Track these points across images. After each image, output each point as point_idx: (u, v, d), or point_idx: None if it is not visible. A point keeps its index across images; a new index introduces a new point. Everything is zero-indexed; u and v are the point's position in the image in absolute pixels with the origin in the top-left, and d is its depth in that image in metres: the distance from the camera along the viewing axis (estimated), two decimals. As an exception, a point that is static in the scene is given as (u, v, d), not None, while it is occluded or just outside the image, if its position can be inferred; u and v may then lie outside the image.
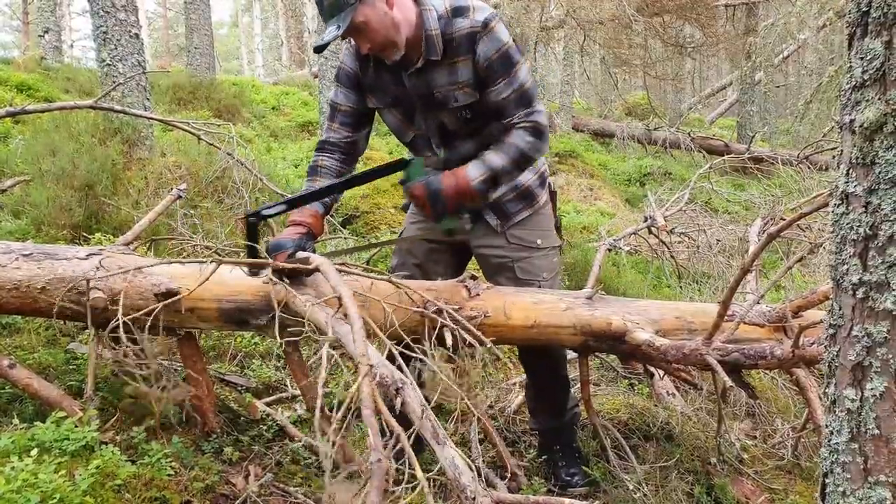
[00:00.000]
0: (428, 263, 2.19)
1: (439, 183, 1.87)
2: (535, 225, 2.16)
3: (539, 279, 2.14)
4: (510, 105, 1.91)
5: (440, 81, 1.92)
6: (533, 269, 2.14)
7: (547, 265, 2.17)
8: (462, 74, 1.90)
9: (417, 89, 1.95)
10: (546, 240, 2.18)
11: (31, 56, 9.35)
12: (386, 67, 1.96)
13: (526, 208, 2.14)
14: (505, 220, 2.13)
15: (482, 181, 1.90)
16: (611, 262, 4.32)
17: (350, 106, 2.06)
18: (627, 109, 15.26)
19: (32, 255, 1.90)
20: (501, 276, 2.15)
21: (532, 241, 2.15)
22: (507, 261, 2.15)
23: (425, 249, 2.21)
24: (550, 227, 2.21)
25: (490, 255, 2.17)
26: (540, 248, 2.16)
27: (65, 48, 15.38)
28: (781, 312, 2.03)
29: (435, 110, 1.97)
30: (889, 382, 0.99)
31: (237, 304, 1.93)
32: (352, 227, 4.93)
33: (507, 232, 2.14)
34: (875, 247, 0.98)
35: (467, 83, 1.91)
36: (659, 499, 2.00)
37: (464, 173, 1.89)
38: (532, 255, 2.15)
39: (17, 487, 1.44)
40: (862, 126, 0.97)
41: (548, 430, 2.31)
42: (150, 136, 4.54)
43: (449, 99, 1.93)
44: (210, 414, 2.10)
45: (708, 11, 10.80)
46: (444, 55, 1.89)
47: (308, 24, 14.13)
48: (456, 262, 2.25)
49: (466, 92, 1.92)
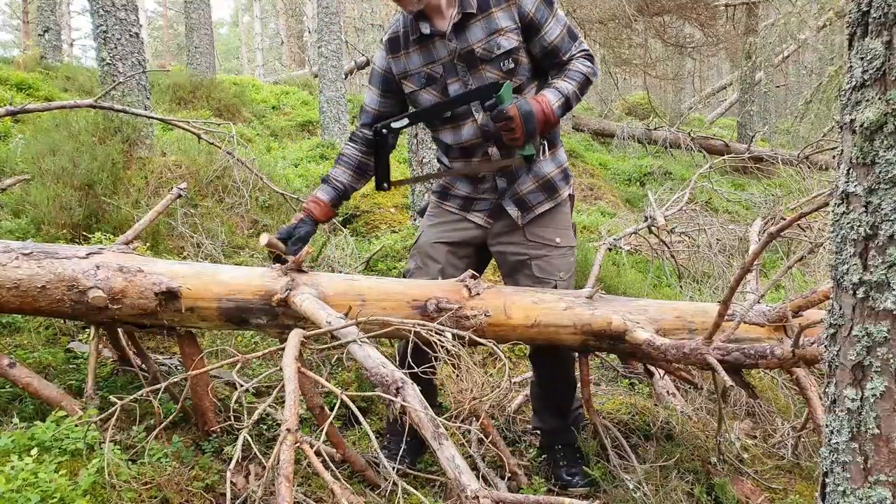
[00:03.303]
0: (448, 267, 2.19)
1: (530, 105, 1.92)
2: (554, 222, 2.17)
3: (556, 278, 2.14)
4: (565, 40, 2.03)
5: (479, 35, 2.00)
6: (550, 268, 2.15)
7: (564, 265, 2.17)
8: (501, 21, 1.99)
9: (458, 50, 2.01)
10: (564, 238, 2.18)
11: (30, 55, 9.33)
12: (421, 46, 2.05)
13: (547, 200, 2.16)
14: (525, 212, 2.15)
15: (559, 106, 1.98)
16: (611, 262, 4.32)
17: (374, 108, 2.20)
18: (627, 109, 15.26)
19: (32, 254, 1.90)
20: (520, 274, 2.15)
21: (551, 238, 2.16)
22: (525, 258, 2.15)
23: (445, 251, 2.20)
24: (569, 226, 2.22)
25: (509, 252, 2.17)
26: (558, 247, 2.16)
27: (65, 47, 15.38)
28: (782, 312, 2.03)
29: (477, 66, 2.02)
30: (889, 382, 0.99)
31: (237, 304, 1.93)
32: (352, 226, 4.94)
33: (525, 228, 2.15)
34: (875, 246, 0.98)
35: (508, 29, 1.99)
36: (659, 498, 2.00)
37: (545, 98, 1.96)
38: (550, 254, 2.15)
39: (17, 487, 1.44)
40: (862, 126, 0.97)
41: (550, 430, 2.31)
42: (150, 135, 4.53)
43: (492, 48, 2.00)
44: (210, 413, 2.10)
45: (708, 11, 10.79)
46: (478, 8, 1.98)
47: (308, 24, 14.14)
48: (476, 264, 2.24)
49: (509, 37, 2.00)
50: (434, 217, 2.26)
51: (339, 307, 1.82)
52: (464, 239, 2.21)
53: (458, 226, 2.22)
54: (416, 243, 2.28)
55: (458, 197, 2.22)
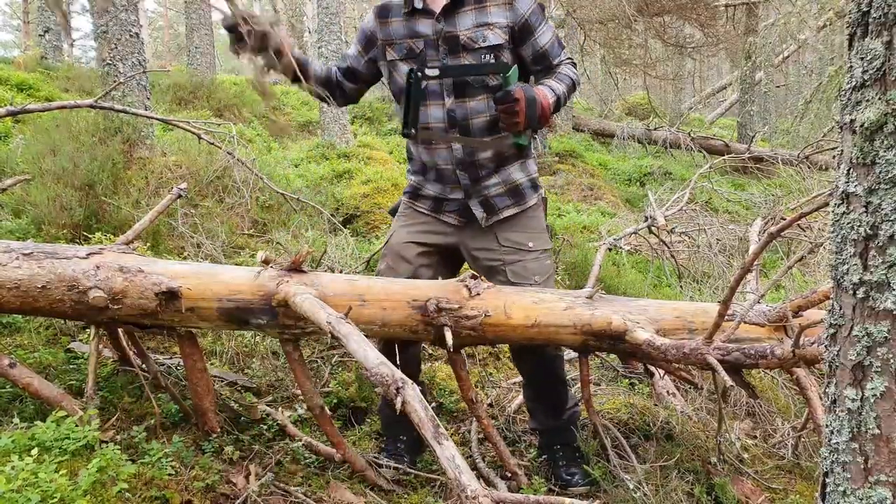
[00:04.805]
0: (420, 269, 2.19)
1: (534, 92, 1.94)
2: (525, 226, 2.18)
3: (531, 282, 2.14)
4: (554, 46, 2.10)
5: (467, 23, 2.03)
6: (525, 272, 2.15)
7: (538, 268, 2.17)
8: (493, 17, 2.03)
9: (443, 32, 2.04)
10: (537, 242, 2.19)
11: (31, 55, 9.34)
12: (409, 20, 2.08)
13: (513, 206, 2.18)
14: (490, 214, 2.16)
15: (553, 103, 2.00)
16: (611, 262, 4.33)
17: (350, 63, 2.24)
18: (627, 109, 15.26)
19: (33, 254, 1.90)
20: (493, 279, 2.15)
21: (523, 243, 2.17)
22: (498, 264, 2.16)
23: (416, 254, 2.20)
24: (542, 230, 2.23)
25: (482, 258, 2.18)
26: (531, 251, 2.17)
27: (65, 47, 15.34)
28: (782, 312, 2.03)
29: (458, 53, 2.04)
30: (889, 382, 0.99)
31: (237, 304, 1.93)
32: (352, 226, 4.93)
33: (497, 234, 2.16)
34: (875, 246, 0.98)
35: (498, 25, 2.03)
36: (659, 498, 2.00)
37: (542, 92, 1.98)
38: (524, 259, 2.16)
39: (18, 487, 1.44)
40: (862, 126, 0.97)
41: (547, 430, 2.31)
42: (150, 135, 4.53)
43: (476, 39, 2.02)
44: (210, 413, 2.10)
45: (708, 11, 10.78)
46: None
47: (308, 24, 14.13)
48: (447, 268, 2.25)
49: (496, 33, 2.02)
50: (406, 218, 2.26)
51: (339, 307, 1.82)
52: (436, 242, 2.21)
53: (430, 227, 2.22)
54: (386, 243, 2.28)
55: (428, 198, 2.23)
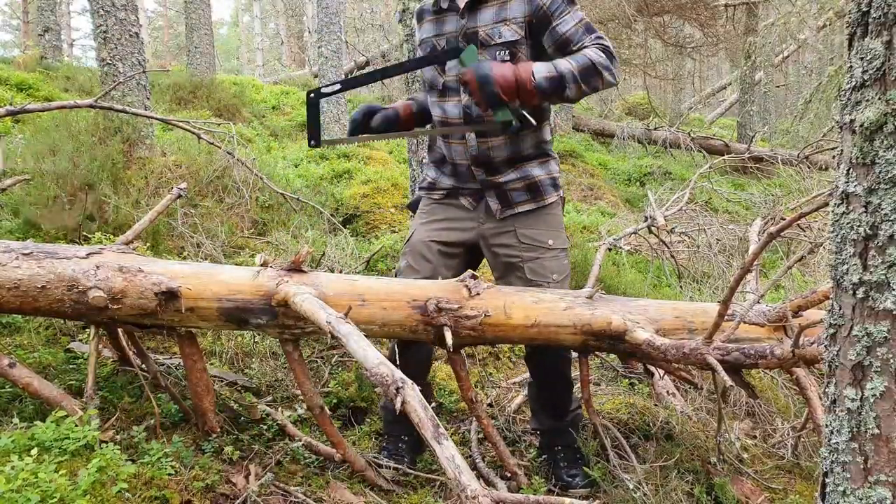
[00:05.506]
0: (441, 267, 2.18)
1: (489, 69, 1.86)
2: (545, 224, 2.18)
3: (549, 280, 2.13)
4: (578, 32, 1.98)
5: (487, 19, 2.04)
6: (543, 270, 2.14)
7: (557, 266, 2.17)
8: (512, 11, 2.01)
9: (465, 29, 2.06)
10: (557, 240, 2.19)
11: (30, 55, 9.33)
12: (438, 19, 2.12)
13: (530, 202, 2.17)
14: (506, 207, 2.16)
15: (546, 78, 1.89)
16: (611, 262, 4.32)
17: None
18: (627, 109, 15.25)
19: (33, 254, 1.90)
20: (512, 276, 2.15)
21: (543, 240, 2.16)
22: (517, 260, 2.15)
23: (437, 251, 2.20)
24: (561, 228, 2.22)
25: (501, 254, 2.18)
26: (551, 249, 2.17)
27: (65, 47, 15.37)
28: (781, 312, 2.03)
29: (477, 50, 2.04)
30: (889, 382, 0.99)
31: (237, 304, 1.93)
32: (352, 226, 4.93)
33: (517, 230, 2.15)
34: (875, 246, 0.98)
35: (514, 20, 2.01)
36: (659, 498, 2.00)
37: (528, 66, 1.92)
38: (543, 256, 2.15)
39: (18, 487, 1.44)
40: (862, 126, 0.97)
41: (549, 431, 2.31)
42: (150, 135, 4.53)
43: (493, 35, 2.02)
44: (210, 413, 2.10)
45: (708, 11, 10.78)
46: None
47: (308, 24, 14.13)
48: (467, 266, 2.24)
49: (511, 28, 2.01)
50: (426, 215, 2.27)
51: (338, 307, 1.82)
52: (457, 239, 2.21)
53: (450, 224, 2.22)
54: (408, 241, 2.28)
55: (444, 188, 2.26)
